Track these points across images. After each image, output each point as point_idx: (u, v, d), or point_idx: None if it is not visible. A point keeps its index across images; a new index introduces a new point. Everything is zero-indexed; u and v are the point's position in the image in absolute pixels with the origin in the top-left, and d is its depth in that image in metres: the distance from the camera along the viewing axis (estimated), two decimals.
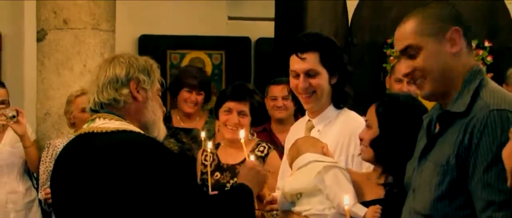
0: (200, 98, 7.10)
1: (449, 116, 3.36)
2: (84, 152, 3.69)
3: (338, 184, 4.12)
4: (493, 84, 3.43)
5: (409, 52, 3.48)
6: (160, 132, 3.92)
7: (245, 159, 5.44)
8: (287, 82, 6.80)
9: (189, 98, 7.02)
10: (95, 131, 3.67)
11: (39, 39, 7.84)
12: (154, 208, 3.49)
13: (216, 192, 5.04)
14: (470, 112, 3.25)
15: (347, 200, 3.79)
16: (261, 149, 5.60)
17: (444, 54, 3.41)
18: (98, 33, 7.77)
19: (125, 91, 3.72)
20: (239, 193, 3.95)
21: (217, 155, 5.71)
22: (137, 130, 3.72)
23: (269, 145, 5.83)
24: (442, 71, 3.42)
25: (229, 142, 5.74)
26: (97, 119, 3.74)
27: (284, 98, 7.00)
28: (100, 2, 7.78)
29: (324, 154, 4.32)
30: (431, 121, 3.56)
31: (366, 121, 4.16)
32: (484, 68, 3.51)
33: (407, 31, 3.51)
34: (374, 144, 4.04)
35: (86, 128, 3.77)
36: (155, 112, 3.86)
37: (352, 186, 4.15)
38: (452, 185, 3.23)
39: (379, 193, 4.03)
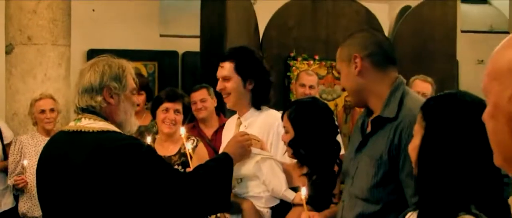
0: (141, 98, 6.94)
1: (381, 120, 3.39)
2: (76, 147, 3.52)
3: (272, 172, 4.09)
4: (412, 92, 3.56)
5: (338, 72, 3.66)
6: (132, 126, 3.78)
7: (180, 149, 5.51)
8: (205, 87, 6.91)
9: None
10: (82, 130, 3.51)
11: (7, 52, 7.77)
12: (141, 189, 3.40)
13: None
14: (398, 117, 3.33)
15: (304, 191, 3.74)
16: (191, 141, 5.54)
17: (351, 74, 3.53)
18: (56, 47, 7.71)
19: (99, 98, 3.53)
20: (221, 162, 3.92)
21: (154, 148, 5.63)
22: (118, 130, 3.60)
23: (197, 138, 5.82)
24: (354, 87, 3.56)
25: (165, 136, 5.68)
26: (83, 119, 3.57)
27: (202, 101, 7.02)
28: (57, 23, 7.70)
29: (262, 149, 4.29)
30: (364, 122, 3.59)
31: (284, 127, 4.11)
32: (404, 80, 3.55)
33: (336, 56, 3.66)
34: (290, 144, 4.03)
35: (73, 125, 3.58)
36: (126, 111, 3.69)
37: (283, 175, 4.11)
38: (385, 176, 3.33)
39: (304, 180, 3.98)
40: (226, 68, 4.54)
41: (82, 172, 3.40)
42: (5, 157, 7.29)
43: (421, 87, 6.97)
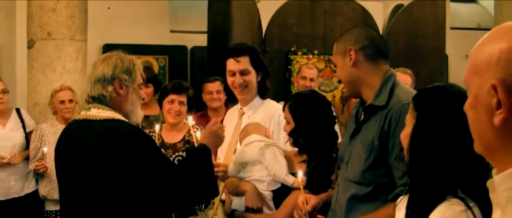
0: (149, 90, 6.92)
1: (373, 108, 3.42)
2: (85, 134, 3.63)
3: (274, 158, 4.17)
4: (402, 84, 3.58)
5: (334, 65, 3.69)
6: (137, 117, 3.87)
7: (183, 137, 5.52)
8: (219, 79, 6.91)
9: None
10: (90, 118, 3.61)
11: (29, 47, 7.76)
12: (138, 174, 3.49)
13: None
14: (388, 105, 3.37)
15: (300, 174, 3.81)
16: (195, 130, 5.56)
17: (346, 66, 3.57)
18: (74, 42, 7.69)
19: (110, 88, 3.63)
20: (199, 153, 3.91)
21: (161, 136, 5.62)
22: (123, 118, 3.67)
23: (201, 127, 5.84)
24: (348, 78, 3.60)
25: (170, 125, 5.67)
26: (92, 108, 3.67)
27: (217, 92, 7.06)
28: (75, 19, 7.67)
29: (266, 136, 4.37)
30: (358, 111, 3.62)
31: (285, 118, 4.15)
32: (394, 72, 3.59)
33: (333, 50, 3.70)
34: (291, 134, 4.07)
35: (83, 115, 3.68)
36: (133, 103, 3.78)
37: (285, 161, 4.18)
38: (376, 160, 3.37)
39: (303, 166, 4.03)
40: (243, 63, 4.61)
41: (90, 156, 3.52)
42: (28, 144, 7.28)
43: (401, 79, 6.96)
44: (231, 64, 4.64)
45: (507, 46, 1.50)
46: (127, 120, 3.72)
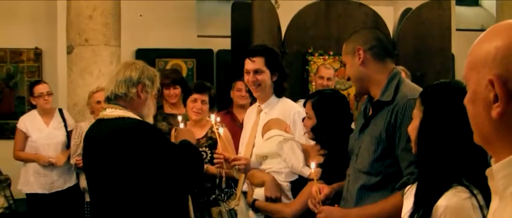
0: (177, 91, 6.87)
1: (380, 103, 3.41)
2: (100, 131, 3.79)
3: (292, 151, 4.18)
4: (407, 81, 3.57)
5: (344, 64, 3.66)
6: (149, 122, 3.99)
7: (206, 133, 5.52)
8: None
9: (168, 93, 6.83)
10: (105, 117, 3.77)
11: (68, 53, 7.80)
12: (148, 160, 3.62)
13: None
14: (394, 100, 3.36)
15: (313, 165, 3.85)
16: (217, 126, 5.55)
17: (355, 64, 3.57)
18: (108, 48, 7.72)
19: (133, 90, 3.79)
20: (189, 145, 4.10)
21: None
22: (133, 116, 3.78)
23: (222, 123, 5.77)
24: (357, 76, 3.58)
25: (194, 122, 5.69)
26: (108, 109, 3.81)
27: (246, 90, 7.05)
28: (109, 26, 7.71)
29: (286, 131, 4.36)
30: (366, 107, 3.61)
31: (306, 113, 4.13)
32: (399, 70, 3.58)
33: (342, 51, 3.70)
34: (313, 129, 4.05)
35: (101, 115, 3.85)
36: (149, 108, 3.95)
37: (302, 154, 4.18)
38: (383, 151, 3.36)
39: (320, 159, 4.03)
40: (257, 63, 4.62)
41: (104, 150, 3.69)
42: (69, 142, 7.36)
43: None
44: (247, 64, 4.66)
45: (502, 43, 1.49)
46: (135, 117, 3.83)
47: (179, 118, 5.25)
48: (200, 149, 5.50)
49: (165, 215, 3.74)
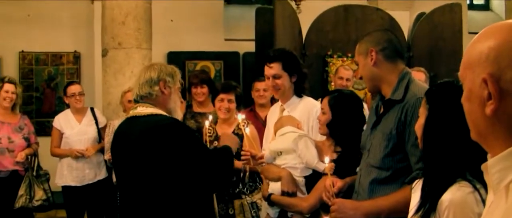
0: (204, 90, 6.88)
1: (391, 102, 3.39)
2: (132, 128, 3.74)
3: (307, 147, 4.13)
4: (416, 80, 3.52)
5: (356, 64, 3.63)
6: (178, 115, 3.97)
7: (233, 130, 5.49)
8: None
9: (195, 91, 6.85)
10: (137, 115, 3.74)
11: (103, 55, 7.86)
12: (179, 158, 3.55)
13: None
14: (404, 99, 3.34)
15: (327, 160, 3.85)
16: (244, 124, 5.55)
17: (368, 65, 3.53)
18: (140, 50, 7.75)
19: (156, 88, 3.78)
20: (225, 150, 4.04)
21: (215, 129, 5.62)
22: (164, 113, 3.78)
23: (249, 121, 5.75)
24: (369, 76, 3.55)
25: (222, 120, 5.66)
26: (139, 107, 3.79)
27: (264, 90, 6.96)
28: (141, 31, 7.74)
29: (298, 128, 4.33)
30: (377, 105, 3.59)
31: (322, 108, 4.11)
32: (410, 70, 3.55)
33: (355, 51, 3.66)
34: (328, 125, 4.02)
35: (132, 113, 3.83)
36: (175, 102, 3.92)
37: (316, 150, 4.14)
38: (394, 147, 3.33)
39: (333, 155, 4.01)
40: (275, 68, 4.60)
41: (136, 146, 3.65)
42: (100, 137, 7.44)
43: (416, 77, 6.99)
44: (266, 70, 4.66)
45: (495, 43, 1.48)
46: (166, 114, 3.83)
47: (210, 117, 5.25)
48: None
49: (191, 209, 3.71)
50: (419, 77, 6.88)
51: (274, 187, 4.23)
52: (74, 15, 10.92)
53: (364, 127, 4.07)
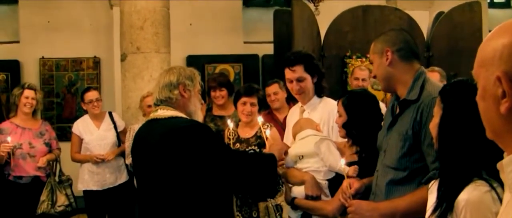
0: (223, 93, 6.90)
1: (406, 102, 3.37)
2: (153, 131, 3.71)
3: (329, 150, 4.10)
4: (431, 79, 3.50)
5: (371, 62, 3.63)
6: (198, 118, 3.93)
7: (256, 133, 5.48)
8: (277, 82, 6.84)
9: (214, 95, 6.88)
10: (158, 117, 3.71)
11: (122, 60, 7.93)
12: (200, 160, 3.49)
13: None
14: (419, 99, 3.33)
15: (343, 161, 3.82)
16: (265, 127, 5.54)
17: (383, 64, 3.52)
18: (159, 55, 7.80)
19: (176, 91, 3.73)
20: (270, 157, 3.91)
21: (237, 132, 5.63)
22: (184, 116, 3.74)
23: (271, 124, 5.76)
24: (384, 75, 3.54)
25: (244, 123, 5.68)
26: (159, 110, 3.76)
27: (274, 94, 6.91)
28: (159, 35, 7.80)
29: (317, 130, 4.32)
30: (393, 105, 3.57)
31: (338, 111, 4.10)
32: (424, 70, 3.53)
33: (370, 50, 3.67)
34: (344, 126, 4.01)
35: (152, 115, 3.80)
36: (195, 104, 3.87)
37: (338, 153, 4.10)
38: (410, 147, 3.31)
39: (354, 157, 4.00)
40: (298, 71, 4.52)
41: (156, 148, 3.59)
42: (119, 142, 7.49)
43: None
44: (288, 73, 4.57)
45: (508, 41, 1.45)
46: (186, 117, 3.79)
47: (228, 121, 5.25)
48: (250, 147, 5.52)
49: (211, 214, 3.69)
50: (434, 77, 6.88)
51: (297, 191, 4.20)
52: (93, 21, 11.01)
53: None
